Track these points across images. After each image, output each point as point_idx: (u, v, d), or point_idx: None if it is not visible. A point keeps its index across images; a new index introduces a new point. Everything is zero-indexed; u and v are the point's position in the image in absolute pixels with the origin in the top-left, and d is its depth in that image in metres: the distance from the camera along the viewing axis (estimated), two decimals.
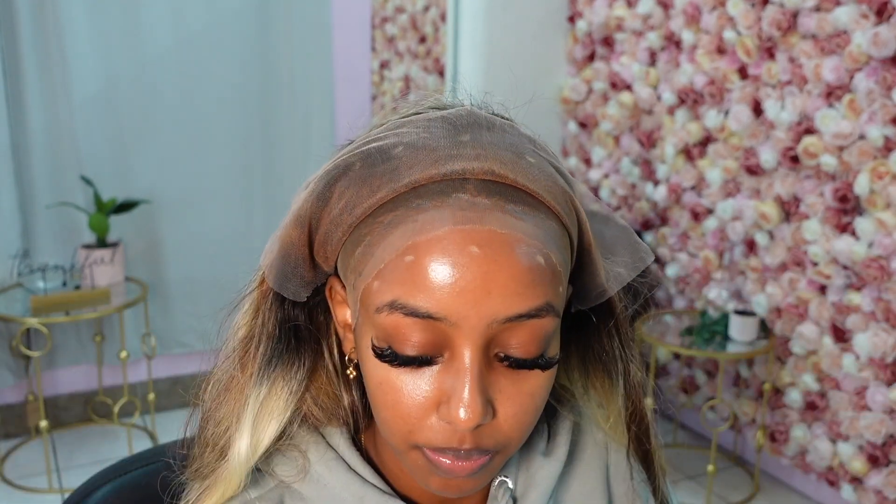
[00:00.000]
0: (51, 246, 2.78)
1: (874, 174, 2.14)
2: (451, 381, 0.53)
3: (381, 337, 0.54)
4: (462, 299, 0.51)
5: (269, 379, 0.61)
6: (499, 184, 0.53)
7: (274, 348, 0.61)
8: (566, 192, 0.57)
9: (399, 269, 0.52)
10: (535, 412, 0.56)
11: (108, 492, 0.81)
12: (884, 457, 2.25)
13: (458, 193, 0.53)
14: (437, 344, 0.53)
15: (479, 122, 0.57)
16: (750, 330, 2.44)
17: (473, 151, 0.54)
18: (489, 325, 0.52)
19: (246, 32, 2.96)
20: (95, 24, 2.75)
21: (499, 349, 0.54)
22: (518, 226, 0.52)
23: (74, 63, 2.73)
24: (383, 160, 0.55)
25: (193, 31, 2.88)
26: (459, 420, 0.52)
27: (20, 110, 2.69)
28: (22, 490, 2.57)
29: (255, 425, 0.61)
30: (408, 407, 0.54)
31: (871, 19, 2.11)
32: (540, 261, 0.52)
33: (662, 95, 2.77)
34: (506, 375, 0.54)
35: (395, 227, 0.53)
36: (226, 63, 2.95)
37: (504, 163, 0.54)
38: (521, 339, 0.53)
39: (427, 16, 3.33)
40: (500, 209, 0.52)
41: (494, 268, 0.51)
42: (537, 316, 0.53)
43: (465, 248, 0.51)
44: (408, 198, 0.53)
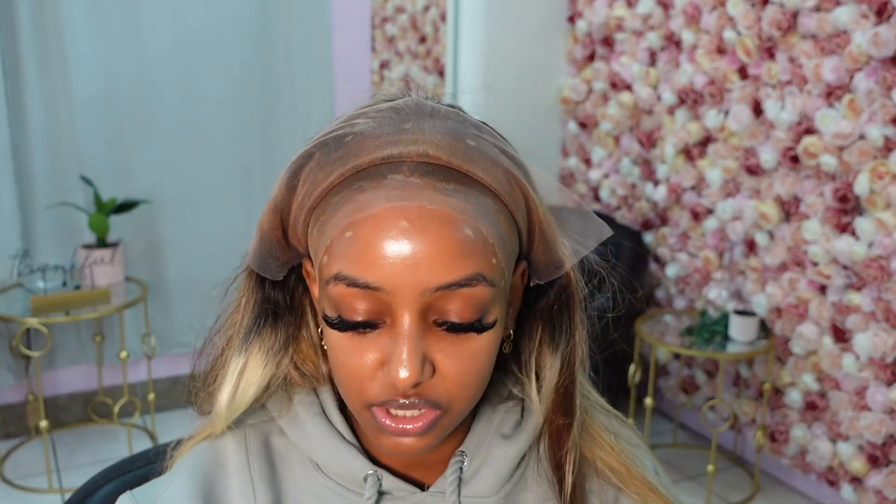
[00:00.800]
0: (51, 246, 2.78)
1: (874, 174, 2.14)
2: (391, 344, 0.58)
3: (331, 306, 0.60)
4: (395, 270, 0.56)
5: (246, 350, 0.67)
6: (433, 165, 0.59)
7: (253, 323, 0.68)
8: (508, 171, 0.61)
9: (341, 244, 0.58)
10: (477, 372, 0.61)
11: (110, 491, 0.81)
12: (884, 457, 2.25)
13: (393, 174, 0.58)
14: (379, 311, 0.58)
15: (423, 111, 0.62)
16: (750, 330, 2.45)
17: (413, 137, 0.59)
18: (422, 293, 0.57)
19: (246, 32, 2.96)
20: (95, 24, 2.75)
21: (436, 315, 0.58)
22: (448, 202, 0.57)
23: (74, 63, 2.73)
24: (336, 148, 0.61)
25: (193, 31, 2.88)
26: (398, 378, 0.57)
27: (20, 110, 2.69)
28: (22, 490, 2.57)
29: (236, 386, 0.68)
30: (356, 368, 0.60)
31: (871, 19, 2.11)
32: (468, 233, 0.57)
33: (662, 95, 2.77)
34: (445, 339, 0.59)
35: (339, 208, 0.59)
36: (226, 63, 2.95)
37: (440, 146, 0.59)
38: (455, 306, 0.58)
39: (427, 16, 3.33)
40: (430, 187, 0.57)
41: (423, 240, 0.56)
42: (468, 285, 0.57)
43: (396, 224, 0.56)
44: (351, 181, 0.59)
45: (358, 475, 0.67)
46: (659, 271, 2.94)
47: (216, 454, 0.70)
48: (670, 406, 2.99)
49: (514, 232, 0.62)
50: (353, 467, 0.67)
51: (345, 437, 0.68)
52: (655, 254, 2.94)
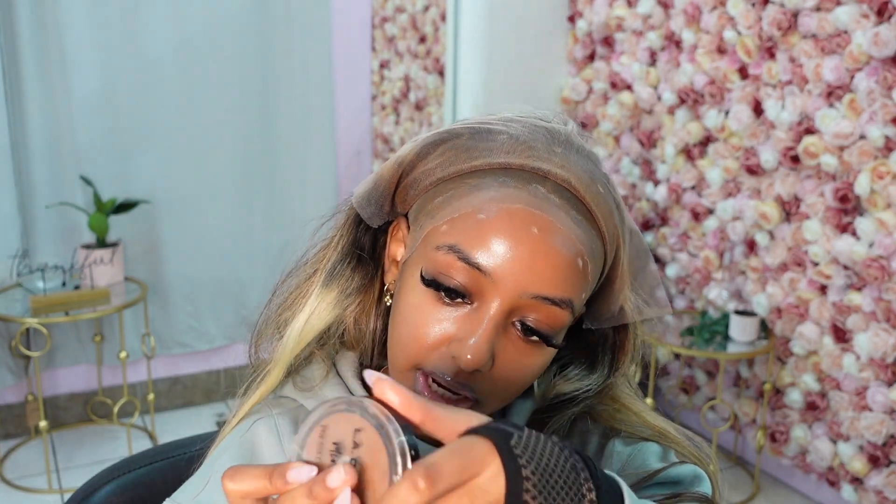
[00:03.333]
0: (50, 246, 2.78)
1: (875, 174, 2.14)
2: (470, 323, 0.62)
3: (430, 270, 0.64)
4: (508, 266, 0.61)
5: (328, 285, 0.72)
6: (571, 193, 0.64)
7: (339, 261, 0.72)
8: (617, 227, 0.67)
9: (469, 221, 0.62)
10: (524, 381, 0.66)
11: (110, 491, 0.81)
12: (884, 457, 2.25)
13: (537, 185, 0.63)
14: (472, 291, 0.63)
15: (573, 144, 0.68)
16: (750, 330, 2.44)
17: (561, 161, 0.65)
18: (520, 295, 0.62)
19: (246, 32, 2.96)
20: (95, 24, 2.75)
21: (517, 317, 0.63)
22: (574, 230, 0.63)
23: (74, 63, 2.73)
24: (486, 139, 0.66)
25: (193, 30, 2.88)
26: (465, 358, 0.61)
27: (20, 110, 2.69)
28: (21, 490, 2.57)
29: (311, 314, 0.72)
30: (425, 331, 0.63)
31: (871, 19, 2.11)
32: (579, 263, 0.63)
33: (662, 95, 2.77)
34: (514, 341, 0.64)
35: (478, 190, 0.63)
36: (226, 63, 2.95)
37: (580, 180, 0.65)
38: (538, 316, 0.63)
39: (427, 16, 3.33)
40: (565, 211, 0.63)
41: (543, 251, 0.61)
42: (558, 305, 0.62)
43: (527, 226, 0.61)
44: (496, 173, 0.64)
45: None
46: (659, 271, 2.94)
47: (250, 445, 0.72)
48: (670, 406, 2.99)
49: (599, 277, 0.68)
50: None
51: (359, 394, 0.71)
52: (655, 254, 2.94)
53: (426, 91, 3.39)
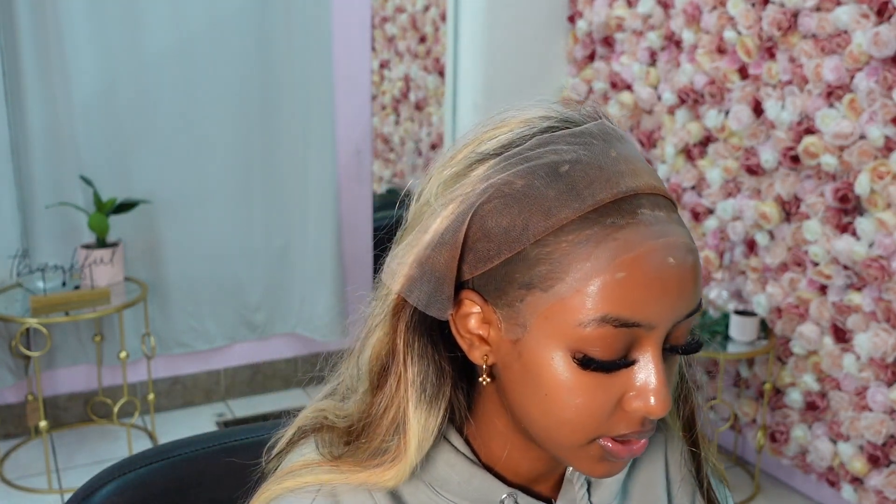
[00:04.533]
0: (50, 246, 2.78)
1: (874, 174, 2.14)
2: (641, 376, 0.59)
3: (579, 348, 0.58)
4: (665, 306, 0.58)
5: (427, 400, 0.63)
6: (660, 197, 0.60)
7: (426, 371, 0.64)
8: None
9: (608, 285, 0.57)
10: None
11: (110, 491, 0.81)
12: (884, 457, 2.25)
13: (640, 210, 0.58)
14: (630, 346, 0.59)
15: (613, 135, 0.62)
16: (750, 330, 2.44)
17: (627, 167, 0.60)
18: (672, 323, 0.59)
19: (246, 32, 2.96)
20: (95, 25, 2.75)
21: (667, 342, 0.60)
22: (685, 233, 0.60)
23: (74, 63, 2.73)
24: (554, 180, 0.58)
25: (193, 30, 2.88)
26: (654, 409, 0.58)
27: (20, 110, 2.69)
28: (22, 490, 2.57)
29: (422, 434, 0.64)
30: (603, 405, 0.59)
31: (871, 19, 2.11)
32: (700, 262, 0.61)
33: (662, 95, 2.77)
34: (669, 361, 0.62)
35: (594, 245, 0.57)
36: (226, 63, 2.95)
37: (653, 177, 0.61)
38: (682, 330, 0.60)
39: (427, 16, 3.33)
40: (672, 220, 0.59)
41: (683, 274, 0.58)
42: (699, 309, 0.61)
43: (665, 261, 0.57)
44: (594, 217, 0.57)
45: (494, 498, 0.67)
46: None
47: None
48: None
49: None
50: (488, 491, 0.67)
51: (474, 461, 0.67)
52: None
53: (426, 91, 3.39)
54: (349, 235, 3.23)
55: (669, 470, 0.77)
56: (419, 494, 0.67)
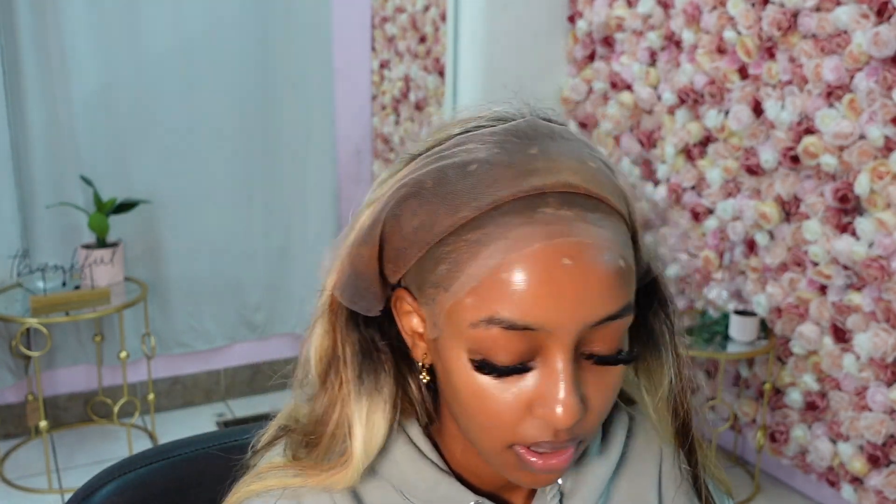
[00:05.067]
0: (51, 246, 2.78)
1: (874, 174, 2.14)
2: (546, 383, 0.56)
3: (476, 349, 0.57)
4: (558, 309, 0.54)
5: (366, 393, 0.63)
6: (575, 194, 0.56)
7: (361, 364, 0.64)
8: (620, 188, 0.60)
9: (495, 285, 0.55)
10: (612, 402, 0.61)
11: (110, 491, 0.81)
12: (884, 457, 2.25)
13: (541, 208, 0.55)
14: (532, 350, 0.56)
15: (543, 133, 0.59)
16: (750, 330, 2.44)
17: (545, 164, 0.57)
18: (581, 329, 0.55)
19: (246, 32, 2.96)
20: (95, 25, 2.75)
21: (585, 348, 0.57)
22: (599, 234, 0.56)
23: (74, 63, 2.73)
24: (458, 178, 0.57)
25: (193, 30, 2.88)
26: (559, 419, 0.56)
27: (20, 110, 2.69)
28: (22, 490, 2.57)
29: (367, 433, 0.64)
30: (506, 412, 0.57)
31: (871, 19, 2.11)
32: (621, 264, 0.56)
33: (662, 95, 2.77)
34: (591, 371, 0.58)
35: (484, 245, 0.55)
36: (226, 63, 2.95)
37: (575, 172, 0.57)
38: (604, 338, 0.57)
39: (427, 16, 3.33)
40: (581, 219, 0.56)
41: (585, 277, 0.54)
42: (621, 316, 0.57)
43: (557, 261, 0.54)
44: (493, 216, 0.56)
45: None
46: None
47: None
48: None
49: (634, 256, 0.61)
50: (455, 498, 0.65)
51: (441, 467, 0.66)
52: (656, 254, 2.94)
53: (426, 91, 3.39)
54: None
55: (662, 484, 0.73)
56: (387, 498, 0.66)
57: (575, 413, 0.55)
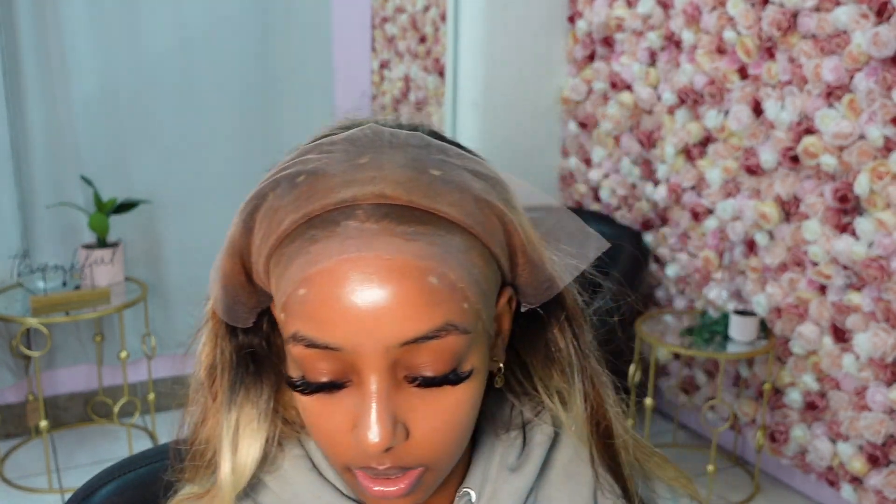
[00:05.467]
0: (51, 246, 2.78)
1: (874, 174, 2.15)
2: (360, 405, 0.54)
3: (294, 366, 0.56)
4: (354, 329, 0.52)
5: (237, 405, 0.62)
6: (391, 206, 0.53)
7: (235, 375, 0.62)
8: (480, 198, 0.55)
9: (296, 302, 0.53)
10: (457, 427, 0.56)
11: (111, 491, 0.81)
12: (884, 457, 2.25)
13: (347, 221, 0.53)
14: (345, 370, 0.54)
15: (382, 140, 0.56)
16: (750, 330, 2.45)
17: (369, 174, 0.53)
18: (387, 350, 0.52)
19: (246, 32, 2.96)
20: (95, 25, 2.75)
21: (406, 371, 0.54)
22: (408, 248, 0.52)
23: (74, 63, 2.73)
24: (289, 190, 0.55)
25: (193, 30, 2.88)
26: (368, 443, 0.53)
27: (20, 110, 2.69)
28: (22, 490, 2.57)
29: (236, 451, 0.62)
30: (328, 431, 0.56)
31: (871, 19, 2.11)
32: (432, 281, 0.52)
33: (662, 95, 2.77)
34: (418, 395, 0.54)
35: (293, 260, 0.54)
36: (226, 63, 2.95)
37: (399, 183, 0.53)
38: (426, 359, 0.53)
39: (427, 16, 3.33)
40: (389, 233, 0.52)
41: (383, 295, 0.51)
42: (436, 337, 0.52)
43: (352, 278, 0.51)
44: (304, 229, 0.54)
45: None
46: (659, 271, 2.94)
47: None
48: (670, 406, 2.99)
49: (491, 264, 0.57)
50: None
51: (341, 490, 0.63)
52: (655, 254, 2.94)
53: (426, 91, 3.40)
54: None
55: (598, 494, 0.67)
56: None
57: (385, 438, 0.52)
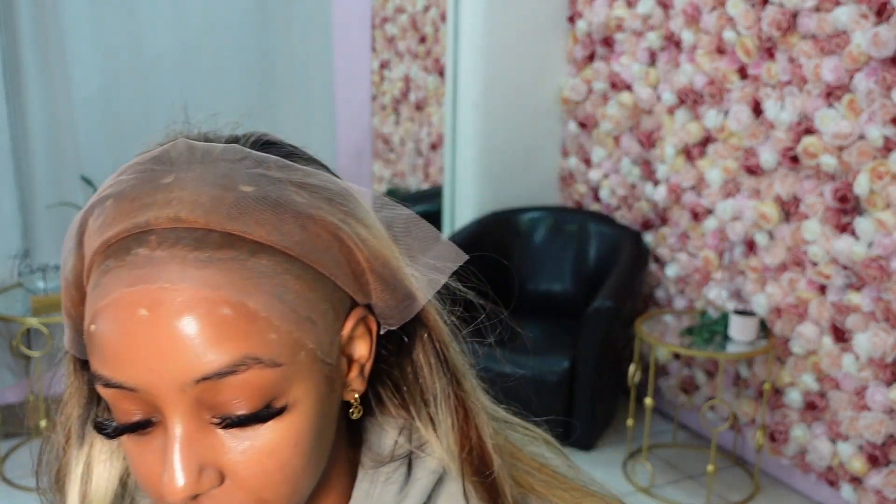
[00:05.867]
0: (51, 246, 2.79)
1: (874, 174, 2.15)
2: (164, 452, 0.49)
3: (106, 406, 0.52)
4: (141, 368, 0.47)
5: (87, 441, 0.58)
6: (186, 230, 0.48)
7: (86, 408, 0.58)
8: (303, 214, 0.51)
9: (89, 338, 0.49)
10: (285, 468, 0.51)
11: None
12: (883, 457, 2.25)
13: (137, 249, 0.48)
14: (149, 410, 0.49)
15: (193, 157, 0.51)
16: (750, 330, 2.45)
17: (167, 196, 0.49)
18: (182, 389, 0.47)
19: (246, 32, 2.97)
20: (95, 25, 2.75)
21: (210, 410, 0.49)
22: (199, 277, 0.47)
23: (74, 63, 2.74)
24: (98, 215, 0.51)
25: (193, 31, 2.88)
26: (168, 491, 0.48)
27: (20, 110, 2.69)
28: (22, 490, 2.58)
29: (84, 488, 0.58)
30: (143, 474, 0.51)
31: (870, 19, 2.12)
32: (225, 312, 0.47)
33: (662, 95, 2.77)
34: (231, 436, 0.49)
35: (90, 292, 0.50)
36: (226, 63, 2.96)
37: (198, 204, 0.48)
38: (229, 397, 0.48)
39: (427, 16, 3.33)
40: (178, 260, 0.47)
41: (166, 331, 0.46)
42: (234, 373, 0.47)
43: (134, 313, 0.47)
44: (102, 259, 0.49)
45: None
46: (659, 271, 2.94)
47: None
48: (670, 406, 2.99)
49: (320, 286, 0.51)
50: None
51: None
52: (655, 254, 2.94)
53: (426, 91, 3.40)
54: None
55: None
56: None
57: (186, 486, 0.48)
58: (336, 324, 0.53)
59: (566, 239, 3.10)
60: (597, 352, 2.66)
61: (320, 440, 0.53)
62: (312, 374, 0.51)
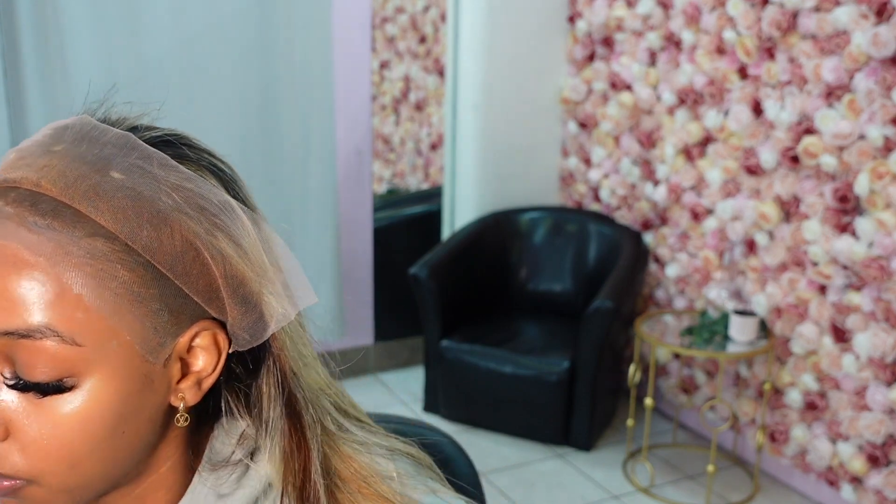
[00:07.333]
0: None
1: (874, 174, 2.15)
2: None
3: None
4: None
5: None
6: (41, 195, 0.51)
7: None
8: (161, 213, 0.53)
9: None
10: (65, 445, 0.52)
11: None
12: (883, 457, 2.25)
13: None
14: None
15: (86, 134, 0.55)
16: (750, 330, 2.45)
17: (46, 162, 0.52)
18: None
19: (246, 33, 2.96)
20: (95, 25, 2.75)
21: (8, 367, 0.51)
22: (26, 239, 0.50)
23: (74, 63, 2.74)
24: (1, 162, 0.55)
25: (194, 31, 2.88)
26: None
27: (20, 110, 2.69)
28: None
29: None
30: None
31: (870, 19, 2.12)
32: (36, 277, 0.50)
33: (662, 95, 2.77)
34: (27, 399, 0.51)
35: None
36: (226, 63, 2.95)
37: (64, 176, 0.52)
38: (24, 360, 0.50)
39: (427, 16, 3.33)
40: (17, 220, 0.51)
41: None
42: (30, 337, 0.50)
43: None
44: None
45: None
46: (659, 271, 2.94)
47: None
48: (670, 406, 2.99)
49: (152, 285, 0.52)
50: None
51: None
52: (655, 254, 2.94)
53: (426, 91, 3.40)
54: (349, 235, 3.24)
55: None
56: None
57: None
58: (172, 327, 0.54)
59: (566, 239, 3.10)
60: (597, 352, 2.66)
61: (119, 433, 0.53)
62: (123, 367, 0.52)
